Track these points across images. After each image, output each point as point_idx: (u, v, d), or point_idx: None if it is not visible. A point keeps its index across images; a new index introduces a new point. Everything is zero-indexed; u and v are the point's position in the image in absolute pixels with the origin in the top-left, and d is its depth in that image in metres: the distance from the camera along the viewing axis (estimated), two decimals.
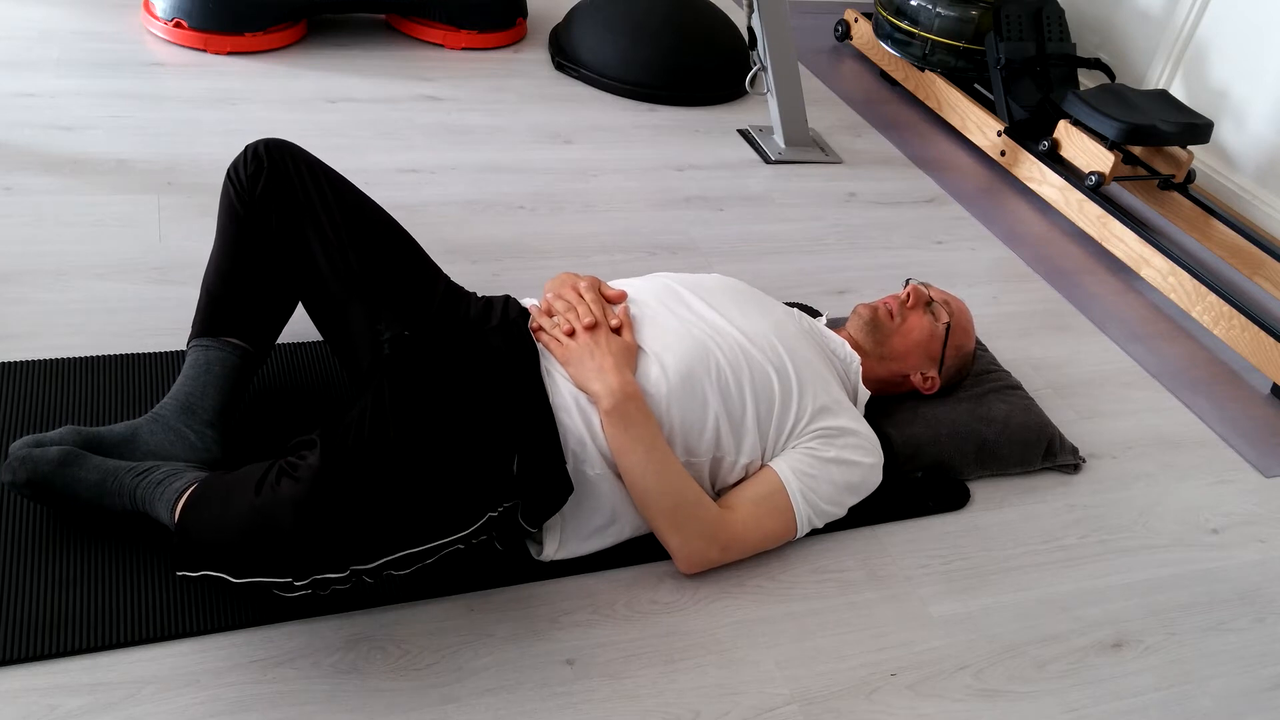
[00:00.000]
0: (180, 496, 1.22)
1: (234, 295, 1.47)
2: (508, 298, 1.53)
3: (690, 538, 1.38)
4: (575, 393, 1.37)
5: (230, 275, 1.47)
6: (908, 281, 1.70)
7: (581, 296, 1.46)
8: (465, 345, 1.35)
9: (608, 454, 1.36)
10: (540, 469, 1.29)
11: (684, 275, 1.57)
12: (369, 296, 1.43)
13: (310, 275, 1.45)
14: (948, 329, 1.63)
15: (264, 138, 1.46)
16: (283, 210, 1.43)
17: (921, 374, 1.65)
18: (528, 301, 1.54)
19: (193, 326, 1.47)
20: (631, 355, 1.39)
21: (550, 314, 1.45)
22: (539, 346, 1.42)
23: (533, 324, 1.45)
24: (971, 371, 1.79)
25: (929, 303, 1.65)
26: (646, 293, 1.51)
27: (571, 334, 1.40)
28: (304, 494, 1.11)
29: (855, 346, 1.61)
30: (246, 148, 1.46)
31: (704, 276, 1.57)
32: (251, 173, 1.43)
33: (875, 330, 1.62)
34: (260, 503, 1.13)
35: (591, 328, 1.40)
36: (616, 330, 1.42)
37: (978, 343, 1.87)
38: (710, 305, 1.49)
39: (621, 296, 1.48)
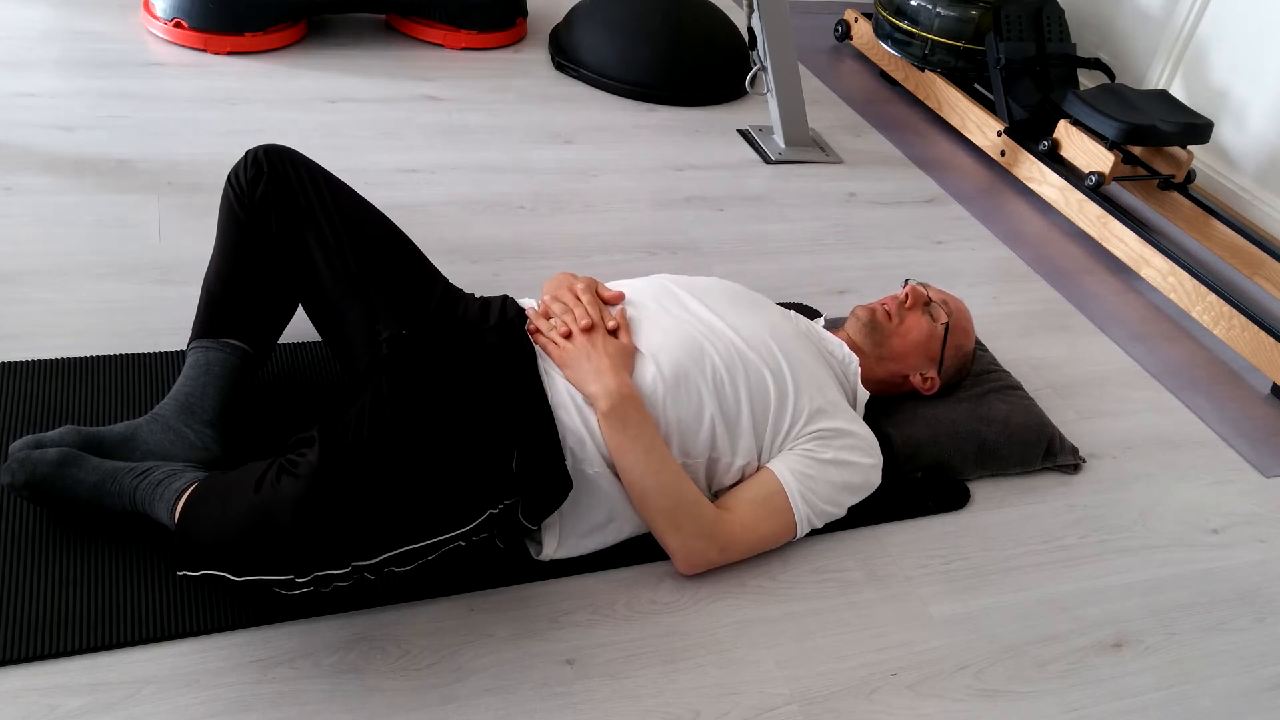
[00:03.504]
0: (180, 496, 1.22)
1: (234, 298, 1.47)
2: (505, 298, 1.53)
3: (689, 538, 1.38)
4: (573, 391, 1.37)
5: (230, 278, 1.47)
6: (906, 282, 1.70)
7: (578, 298, 1.46)
8: (463, 344, 1.36)
9: (606, 453, 1.36)
10: (539, 466, 1.28)
11: (681, 277, 1.57)
12: (367, 298, 1.43)
13: (309, 278, 1.45)
14: (946, 329, 1.63)
15: (264, 144, 1.47)
16: (282, 214, 1.44)
17: (920, 374, 1.65)
18: (526, 303, 1.54)
19: (193, 328, 1.48)
20: (628, 357, 1.39)
21: (547, 316, 1.45)
22: (536, 347, 1.42)
23: (530, 326, 1.45)
24: (971, 371, 1.79)
25: (927, 303, 1.65)
26: (643, 294, 1.51)
27: (568, 336, 1.40)
28: (303, 492, 1.11)
29: (853, 348, 1.61)
30: (247, 153, 1.46)
31: (701, 278, 1.57)
32: (251, 177, 1.44)
33: (873, 332, 1.62)
34: (260, 501, 1.13)
35: (588, 329, 1.40)
36: (613, 332, 1.42)
37: (978, 342, 1.87)
38: (706, 306, 1.49)
39: (619, 298, 1.48)
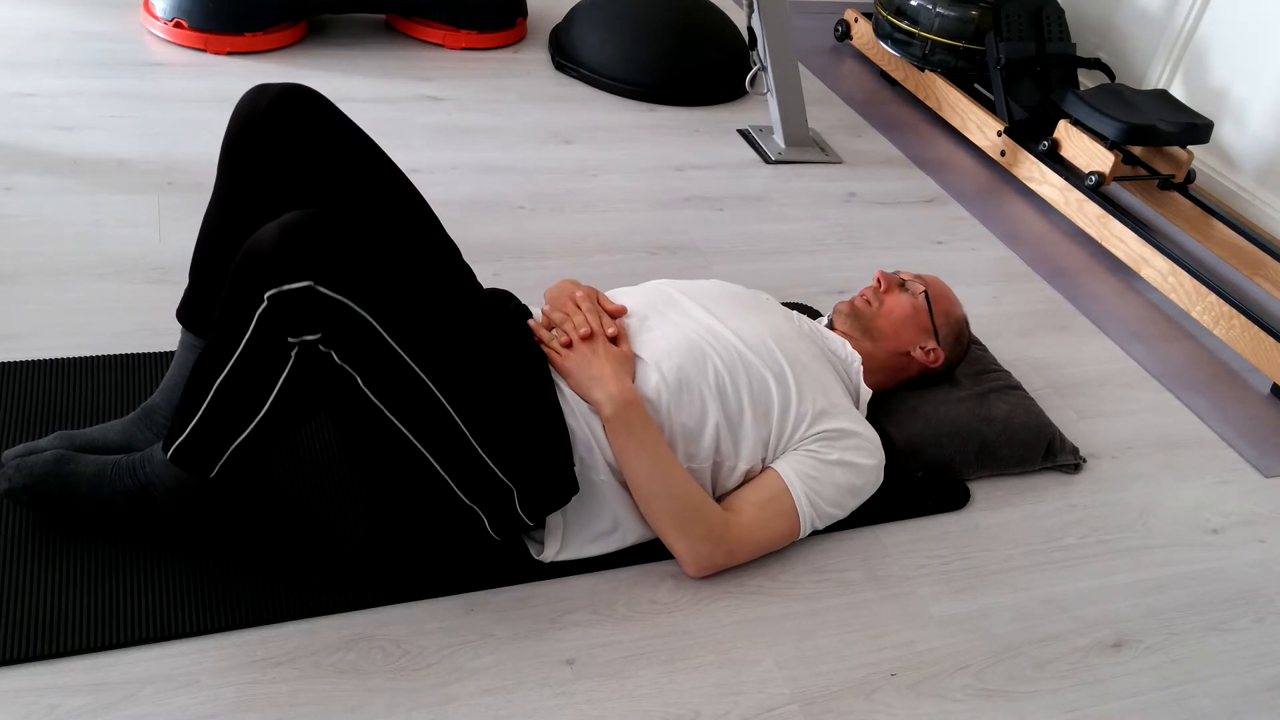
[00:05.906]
0: None
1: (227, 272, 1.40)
2: (513, 296, 1.52)
3: (696, 541, 1.38)
4: (578, 399, 1.37)
5: (227, 245, 1.35)
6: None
7: (578, 306, 1.45)
8: (484, 325, 1.33)
9: (612, 460, 1.36)
10: (539, 461, 1.28)
11: (681, 281, 1.57)
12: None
13: None
14: (927, 298, 1.64)
15: (283, 83, 1.30)
16: (304, 177, 1.31)
17: (921, 347, 1.64)
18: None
19: (184, 302, 1.40)
20: (629, 363, 1.39)
21: (549, 326, 1.45)
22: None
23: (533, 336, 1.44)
24: (972, 370, 1.78)
25: (902, 284, 1.66)
26: (643, 300, 1.51)
27: (569, 345, 1.40)
28: (293, 218, 1.11)
29: (854, 343, 1.60)
30: (260, 97, 1.28)
31: (701, 282, 1.57)
32: (270, 130, 1.28)
33: (858, 320, 1.62)
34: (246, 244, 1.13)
35: (588, 338, 1.40)
36: (614, 340, 1.42)
37: (977, 342, 1.87)
38: (707, 310, 1.49)
39: (621, 311, 1.48)
